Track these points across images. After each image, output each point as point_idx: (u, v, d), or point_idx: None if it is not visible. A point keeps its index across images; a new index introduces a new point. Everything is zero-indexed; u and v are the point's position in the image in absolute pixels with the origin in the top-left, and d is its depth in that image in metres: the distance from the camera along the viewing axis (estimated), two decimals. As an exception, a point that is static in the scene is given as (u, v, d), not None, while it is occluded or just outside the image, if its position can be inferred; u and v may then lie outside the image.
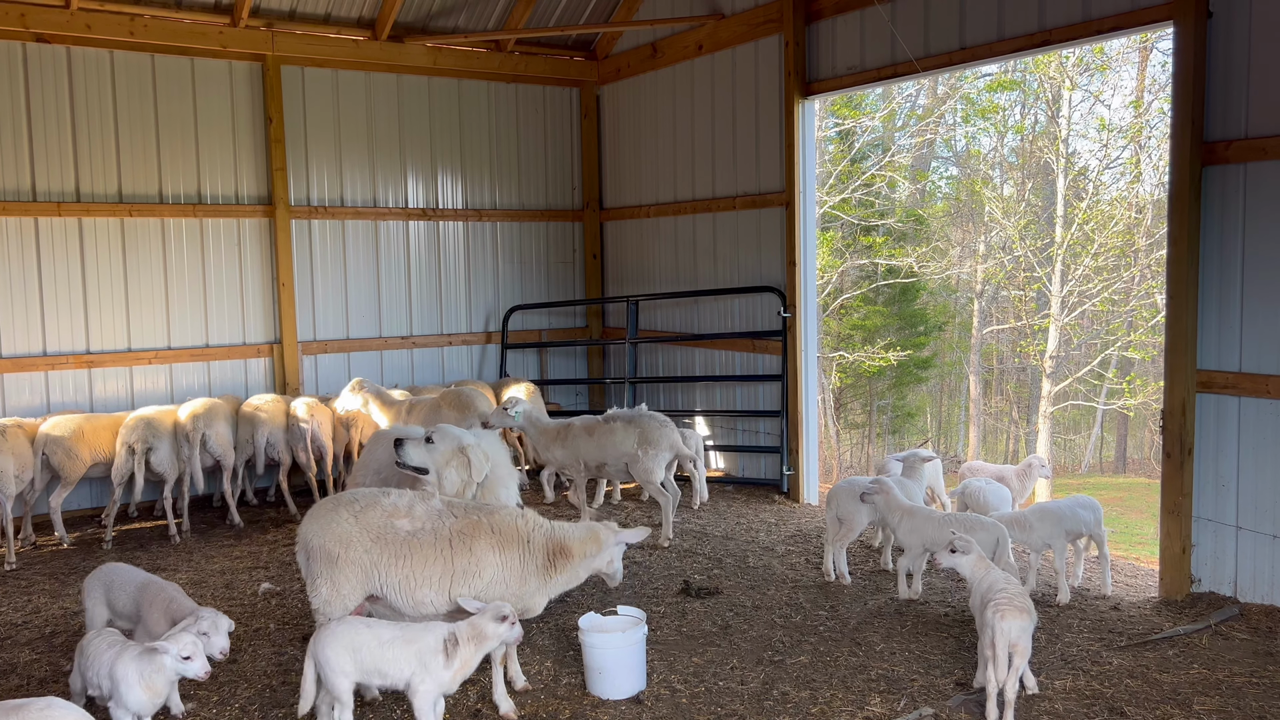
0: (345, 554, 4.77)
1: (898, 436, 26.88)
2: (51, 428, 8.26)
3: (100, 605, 5.29)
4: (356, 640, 4.42)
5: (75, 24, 9.08)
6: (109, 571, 5.41)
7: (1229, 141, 6.28)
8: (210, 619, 4.75)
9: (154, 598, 5.14)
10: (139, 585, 5.27)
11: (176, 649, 4.38)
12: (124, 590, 5.27)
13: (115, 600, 5.27)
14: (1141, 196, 21.79)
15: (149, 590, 5.21)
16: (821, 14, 9.05)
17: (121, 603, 5.25)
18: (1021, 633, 4.73)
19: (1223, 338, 6.41)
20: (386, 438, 6.35)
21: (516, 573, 4.90)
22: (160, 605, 5.09)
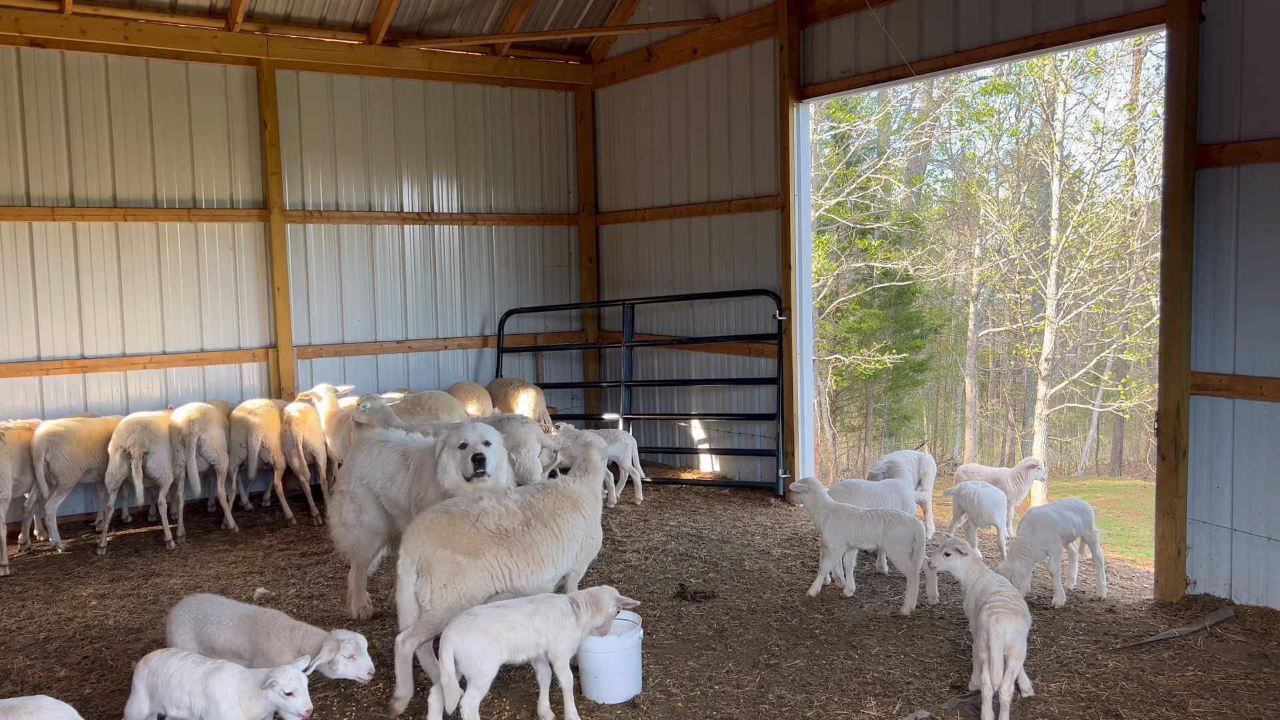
0: (473, 562, 5.02)
1: (894, 439, 26.90)
2: (53, 431, 8.20)
3: (190, 640, 4.87)
4: (494, 627, 4.68)
5: (70, 28, 9.07)
6: (199, 604, 4.99)
7: (1222, 144, 6.30)
8: (352, 642, 4.55)
9: (270, 628, 4.77)
10: (244, 617, 4.88)
11: (282, 682, 4.24)
12: (223, 624, 4.87)
13: (213, 635, 4.85)
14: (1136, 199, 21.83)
15: (261, 621, 4.82)
16: (816, 17, 9.07)
17: (223, 638, 4.84)
18: (1016, 635, 4.75)
19: (1217, 340, 6.42)
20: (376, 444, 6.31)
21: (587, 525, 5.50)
22: (282, 635, 4.73)
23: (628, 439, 9.56)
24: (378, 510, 6.22)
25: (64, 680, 5.70)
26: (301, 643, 4.64)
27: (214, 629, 4.84)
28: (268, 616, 4.86)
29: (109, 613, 6.83)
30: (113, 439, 8.32)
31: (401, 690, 5.08)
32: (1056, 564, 6.54)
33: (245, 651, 4.77)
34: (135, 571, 7.77)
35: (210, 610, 4.92)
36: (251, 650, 4.75)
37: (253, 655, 4.74)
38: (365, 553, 6.36)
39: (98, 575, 7.70)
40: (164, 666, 4.44)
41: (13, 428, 8.23)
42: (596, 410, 12.12)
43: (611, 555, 7.90)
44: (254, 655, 4.73)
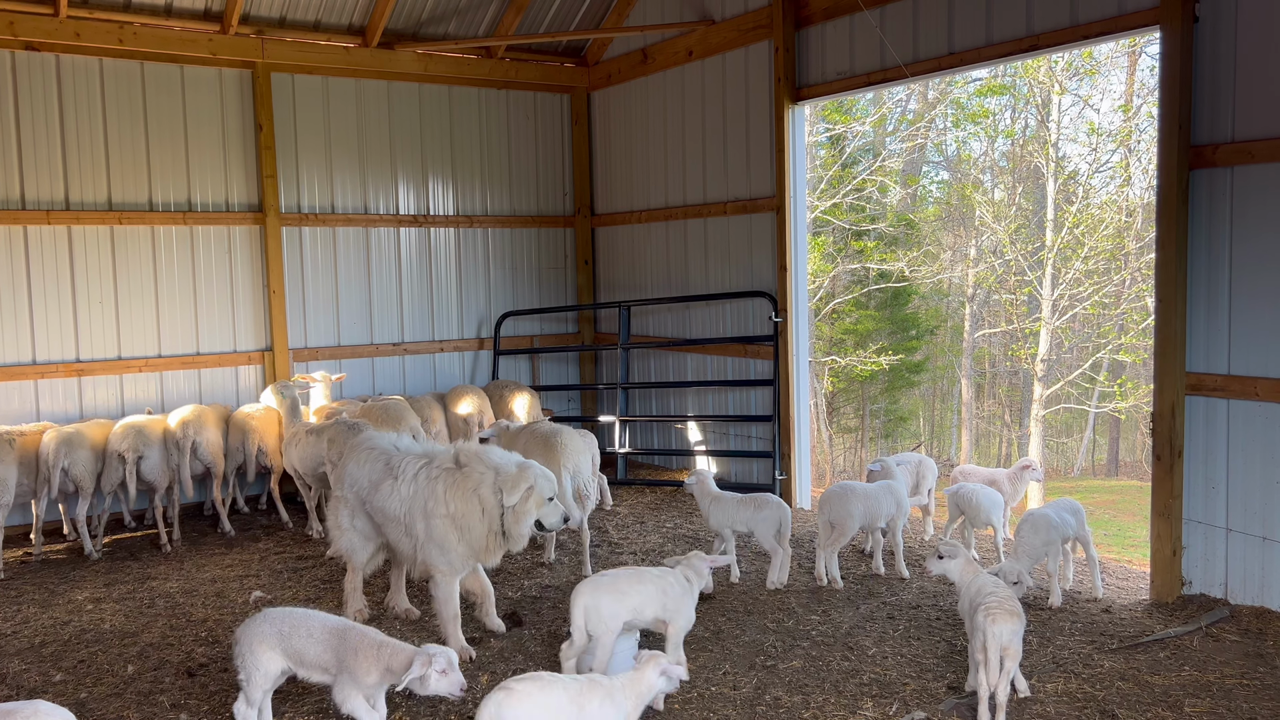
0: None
1: (890, 441, 26.91)
2: (71, 437, 8.16)
3: (277, 657, 4.67)
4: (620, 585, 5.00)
5: (64, 32, 9.06)
6: (283, 617, 4.74)
7: (1216, 145, 6.31)
8: (444, 657, 4.45)
9: (358, 645, 4.61)
10: (332, 632, 4.69)
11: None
12: (313, 638, 4.67)
13: (302, 648, 4.66)
14: (1131, 200, 21.88)
15: (349, 638, 4.65)
16: (811, 20, 9.08)
17: (313, 651, 4.65)
18: (1012, 636, 4.77)
19: (1211, 340, 6.44)
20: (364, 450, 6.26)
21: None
22: (369, 652, 4.57)
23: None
24: (366, 517, 6.22)
25: (60, 684, 5.69)
26: (390, 660, 4.50)
27: (304, 642, 4.66)
28: (356, 633, 4.69)
29: (105, 617, 6.82)
30: (108, 443, 8.32)
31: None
32: (1055, 565, 6.55)
33: (331, 667, 4.61)
34: (131, 575, 7.76)
35: (298, 623, 4.72)
36: (338, 666, 4.59)
37: (338, 671, 4.58)
38: (359, 556, 6.40)
39: (93, 579, 7.68)
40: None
41: (27, 433, 8.23)
42: (593, 413, 12.12)
43: (609, 557, 7.89)
44: (339, 671, 4.58)
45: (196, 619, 6.71)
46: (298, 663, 4.66)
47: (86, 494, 8.24)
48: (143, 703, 5.41)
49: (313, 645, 4.63)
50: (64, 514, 8.71)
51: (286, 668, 4.69)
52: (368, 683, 4.53)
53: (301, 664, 4.66)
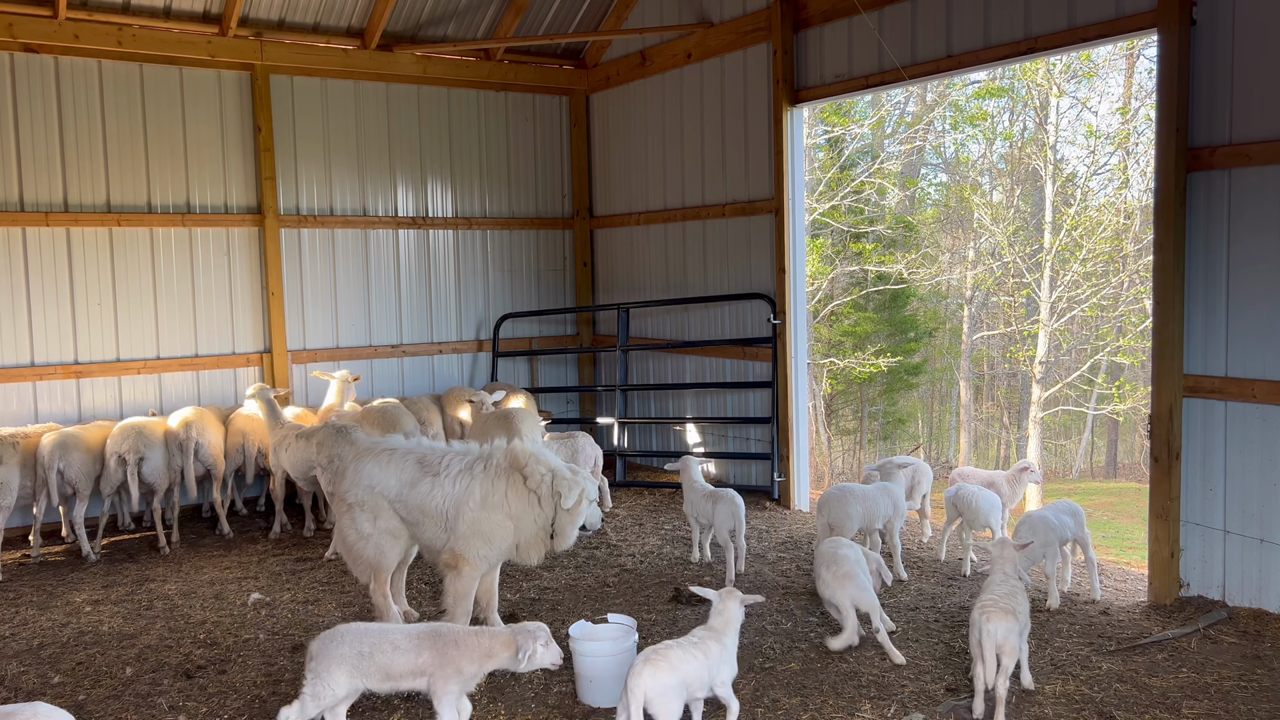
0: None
1: (889, 443, 26.92)
2: (67, 439, 8.16)
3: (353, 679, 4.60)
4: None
5: (63, 34, 9.07)
6: (356, 636, 4.66)
7: (1214, 147, 6.33)
8: (544, 631, 4.68)
9: (456, 637, 4.70)
10: (421, 636, 4.70)
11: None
12: (400, 648, 4.65)
13: (389, 662, 4.62)
14: (1129, 202, 21.91)
15: (444, 634, 4.71)
16: (809, 22, 9.09)
17: (403, 661, 4.62)
18: (1008, 633, 4.83)
19: (1209, 343, 6.45)
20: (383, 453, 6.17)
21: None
22: (469, 641, 4.68)
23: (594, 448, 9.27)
24: (393, 515, 6.07)
25: (58, 686, 5.69)
26: (490, 644, 4.66)
27: (390, 656, 4.61)
28: (446, 629, 4.75)
29: (103, 618, 6.82)
30: (108, 444, 8.32)
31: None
32: (1052, 567, 6.56)
33: (430, 667, 4.62)
34: (129, 577, 7.76)
35: (379, 639, 4.66)
36: (439, 663, 4.61)
37: (439, 667, 4.60)
38: (389, 559, 6.10)
39: (92, 581, 7.68)
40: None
41: (31, 435, 8.23)
42: (591, 414, 12.13)
43: (607, 559, 7.90)
44: (441, 667, 4.60)
45: (195, 621, 6.71)
46: (383, 678, 4.63)
47: (84, 496, 8.24)
48: (141, 704, 5.41)
49: (401, 656, 4.62)
50: (63, 516, 8.70)
51: (359, 688, 4.66)
52: (469, 673, 4.63)
53: (388, 678, 4.63)
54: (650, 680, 4.49)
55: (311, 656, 4.63)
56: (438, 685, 4.59)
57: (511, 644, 4.62)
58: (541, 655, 4.63)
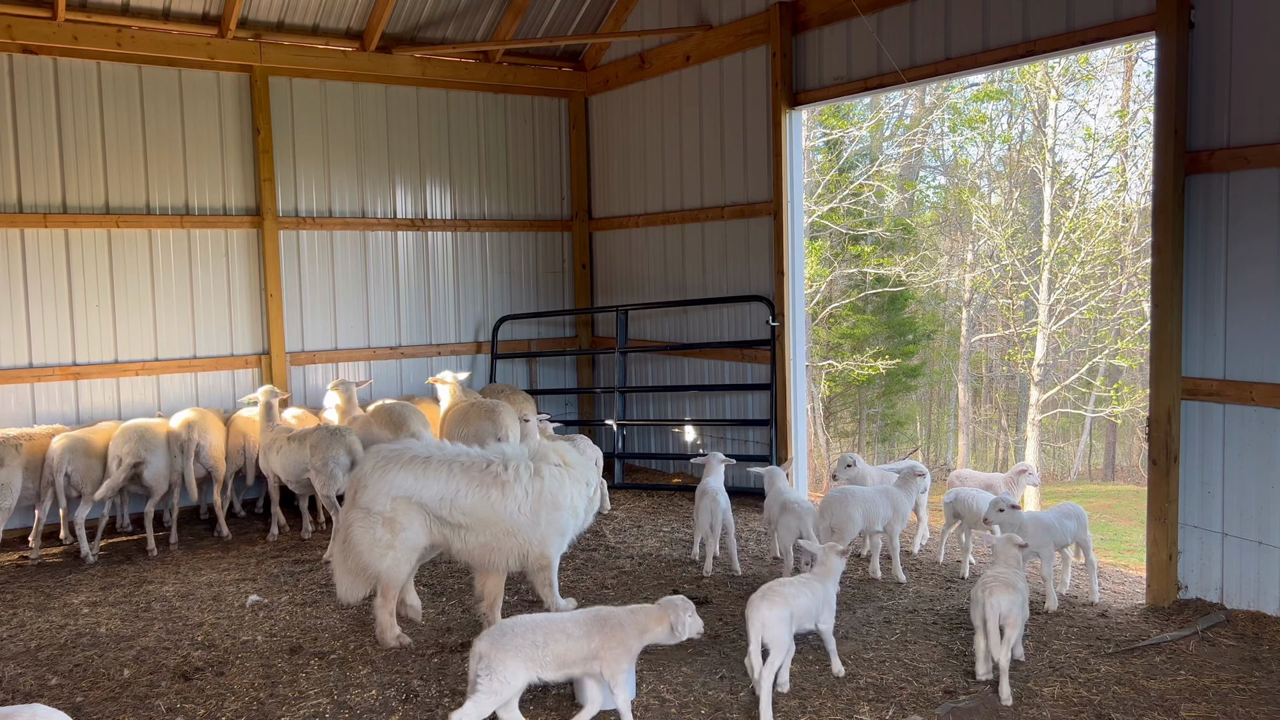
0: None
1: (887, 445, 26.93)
2: (75, 443, 8.14)
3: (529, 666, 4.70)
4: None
5: (62, 35, 9.06)
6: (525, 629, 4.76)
7: (1212, 150, 6.34)
8: (688, 603, 4.93)
9: (619, 619, 4.88)
10: (589, 621, 4.85)
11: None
12: (571, 635, 4.78)
13: (564, 650, 4.74)
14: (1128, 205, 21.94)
15: (608, 618, 4.88)
16: (808, 25, 9.10)
17: (575, 648, 4.75)
18: (1010, 606, 5.20)
19: (1207, 345, 6.45)
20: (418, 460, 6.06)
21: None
22: (627, 621, 4.88)
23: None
24: (422, 526, 5.99)
25: (56, 688, 5.69)
26: (645, 620, 4.91)
27: (565, 644, 4.75)
28: (607, 611, 4.95)
29: (101, 620, 6.81)
30: (110, 447, 8.30)
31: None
32: (1049, 569, 6.56)
33: (600, 650, 4.80)
34: (127, 579, 7.75)
35: (550, 629, 4.79)
36: (609, 645, 4.81)
37: (610, 650, 4.80)
38: (400, 572, 6.04)
39: (89, 583, 7.67)
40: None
41: (35, 436, 8.22)
42: (590, 416, 12.13)
43: (606, 561, 7.90)
44: (612, 649, 4.80)
45: (193, 623, 6.70)
46: (557, 666, 4.77)
47: (88, 499, 8.23)
48: (139, 707, 5.40)
49: (574, 643, 4.78)
50: (62, 518, 8.69)
51: (533, 679, 4.75)
52: (635, 651, 4.86)
53: (562, 665, 4.78)
54: (767, 611, 5.10)
55: (480, 655, 4.67)
56: (609, 666, 4.78)
57: (664, 618, 4.88)
58: (690, 625, 4.89)
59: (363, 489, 6.01)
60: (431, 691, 5.42)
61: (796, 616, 5.20)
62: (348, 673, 5.72)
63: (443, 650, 6.02)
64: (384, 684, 5.54)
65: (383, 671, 5.72)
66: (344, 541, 6.08)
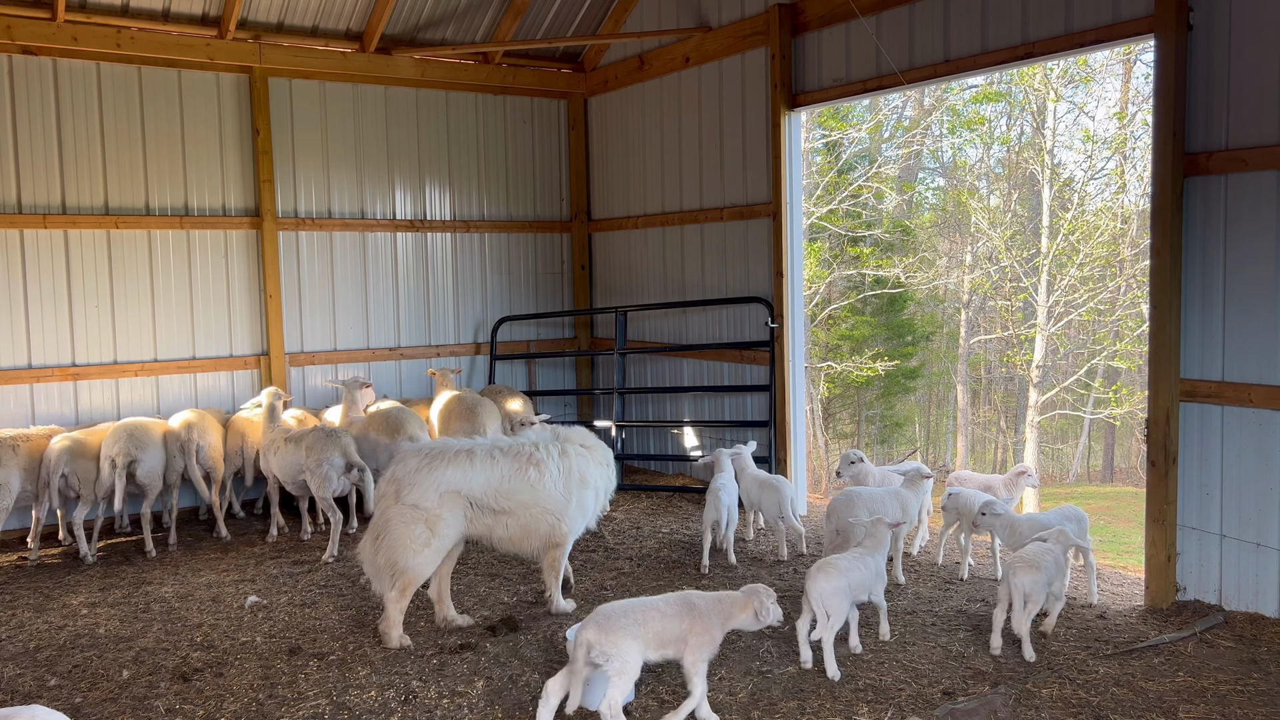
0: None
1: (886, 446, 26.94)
2: (73, 446, 8.13)
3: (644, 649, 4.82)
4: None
5: (61, 36, 9.07)
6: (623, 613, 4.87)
7: (1210, 153, 6.35)
8: (771, 591, 5.10)
9: (707, 604, 5.04)
10: (678, 605, 4.96)
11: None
12: (666, 616, 4.89)
13: (661, 630, 4.87)
14: (1126, 207, 21.96)
15: (696, 602, 5.02)
16: (807, 27, 9.11)
17: (671, 628, 4.89)
18: (1033, 585, 5.66)
19: (1205, 347, 6.46)
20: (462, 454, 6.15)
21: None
22: (715, 606, 5.04)
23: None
24: (462, 520, 6.08)
25: (55, 689, 5.69)
26: (730, 607, 5.05)
27: (664, 624, 4.89)
28: (695, 595, 5.08)
29: (100, 621, 6.81)
30: (102, 447, 8.29)
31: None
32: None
33: (689, 633, 4.92)
34: (126, 580, 7.75)
35: (647, 611, 4.92)
36: (696, 629, 4.94)
37: (697, 634, 4.93)
38: (428, 570, 6.08)
39: (88, 584, 7.67)
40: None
41: (32, 437, 8.22)
42: (589, 417, 12.13)
43: (605, 563, 7.90)
44: (699, 633, 4.93)
45: (192, 624, 6.70)
46: (657, 646, 4.88)
47: (86, 500, 8.23)
48: (138, 707, 5.40)
49: (669, 622, 4.90)
50: (60, 519, 8.69)
51: (643, 658, 4.87)
52: (719, 636, 4.99)
53: (661, 645, 4.89)
54: (824, 584, 5.48)
55: (590, 644, 4.75)
56: (693, 652, 4.90)
57: (749, 605, 5.03)
58: (773, 611, 5.04)
59: (409, 487, 6.03)
60: (430, 693, 5.43)
61: (852, 588, 5.57)
62: (347, 674, 5.73)
63: (441, 652, 6.02)
64: (383, 685, 5.54)
65: (382, 673, 5.72)
66: (377, 537, 6.07)
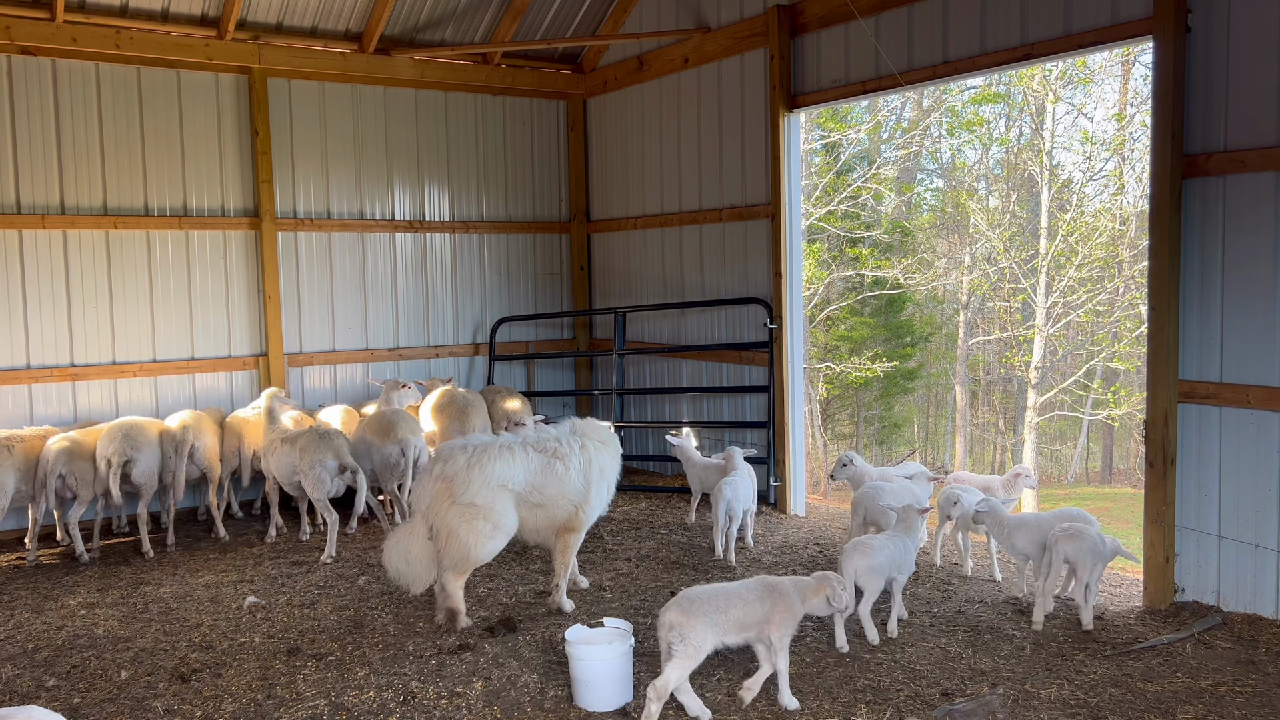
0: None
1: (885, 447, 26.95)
2: (71, 446, 8.13)
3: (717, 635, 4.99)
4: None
5: (61, 36, 9.07)
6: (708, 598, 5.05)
7: (1209, 154, 6.35)
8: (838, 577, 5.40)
9: (787, 587, 5.26)
10: (760, 588, 5.20)
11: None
12: (747, 601, 5.11)
13: (743, 614, 5.07)
14: (1125, 208, 21.97)
15: (777, 586, 5.24)
16: (806, 28, 9.12)
17: (753, 611, 5.09)
18: (1077, 551, 6.10)
19: (1204, 348, 6.47)
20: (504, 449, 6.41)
21: None
22: (792, 591, 5.26)
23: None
24: (514, 510, 6.39)
25: (53, 689, 5.68)
26: (804, 591, 5.28)
27: (744, 610, 5.06)
28: (774, 580, 5.31)
29: (98, 621, 6.81)
30: (98, 447, 8.28)
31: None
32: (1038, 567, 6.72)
33: (770, 616, 5.12)
34: (124, 580, 7.74)
35: (729, 597, 5.10)
36: (777, 612, 5.14)
37: (778, 616, 5.13)
38: (490, 559, 6.47)
39: (87, 584, 7.67)
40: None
41: (27, 438, 8.21)
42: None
43: (603, 563, 7.90)
44: (780, 615, 5.13)
45: (190, 624, 6.70)
46: (737, 630, 5.06)
47: (83, 501, 8.22)
48: (136, 708, 5.40)
49: (750, 608, 5.09)
50: (57, 519, 8.69)
51: (717, 643, 5.02)
52: (799, 618, 5.23)
53: (741, 629, 5.08)
54: (860, 561, 5.84)
55: (671, 624, 4.93)
56: (777, 631, 5.11)
57: (821, 590, 5.28)
58: (844, 597, 5.34)
59: (462, 486, 6.24)
60: (429, 693, 5.43)
61: (884, 566, 5.91)
62: (345, 674, 5.73)
63: (440, 652, 6.02)
64: (381, 686, 5.54)
65: (380, 673, 5.72)
66: (445, 539, 6.26)
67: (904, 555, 6.10)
